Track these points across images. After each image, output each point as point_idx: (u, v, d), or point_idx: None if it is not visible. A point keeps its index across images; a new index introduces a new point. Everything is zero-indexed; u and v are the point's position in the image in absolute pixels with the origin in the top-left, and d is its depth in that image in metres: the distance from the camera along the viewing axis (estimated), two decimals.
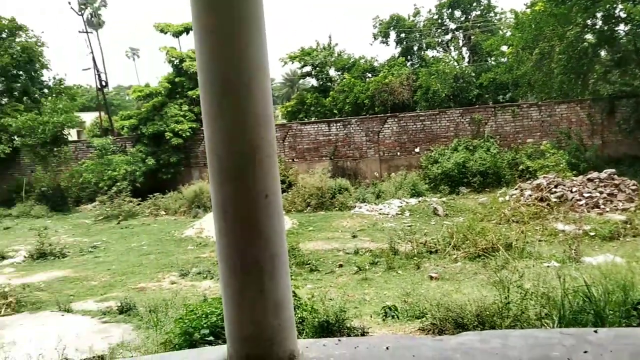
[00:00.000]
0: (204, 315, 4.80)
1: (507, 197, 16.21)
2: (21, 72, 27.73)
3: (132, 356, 5.34)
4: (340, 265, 11.12)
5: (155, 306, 7.76)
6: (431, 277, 9.82)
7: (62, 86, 29.28)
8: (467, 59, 29.48)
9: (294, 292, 5.31)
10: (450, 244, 11.47)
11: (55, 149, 22.69)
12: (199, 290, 9.62)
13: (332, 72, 28.89)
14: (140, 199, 19.91)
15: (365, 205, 17.51)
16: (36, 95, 28.14)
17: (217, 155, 3.12)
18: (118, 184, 20.41)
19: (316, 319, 5.18)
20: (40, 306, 9.26)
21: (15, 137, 23.51)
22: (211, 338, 4.56)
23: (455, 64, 26.96)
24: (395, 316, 6.73)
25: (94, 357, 5.92)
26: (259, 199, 3.18)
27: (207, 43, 2.95)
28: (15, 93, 27.95)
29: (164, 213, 19.15)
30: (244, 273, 3.22)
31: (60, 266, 12.74)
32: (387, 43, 30.57)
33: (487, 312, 5.29)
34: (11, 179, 25.12)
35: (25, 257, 13.74)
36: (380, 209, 16.80)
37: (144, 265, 12.20)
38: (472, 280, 9.61)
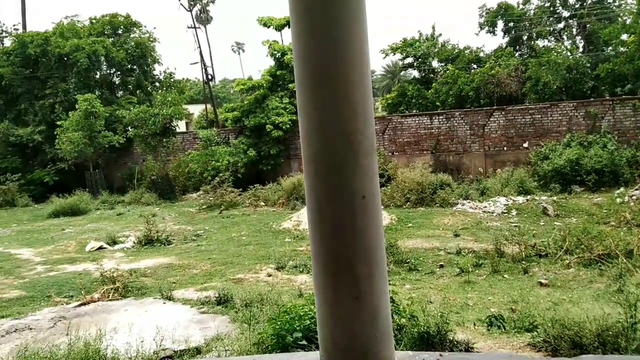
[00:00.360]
0: (297, 317, 4.61)
1: (626, 198, 14.83)
2: (135, 67, 29.34)
3: (225, 355, 5.27)
4: (441, 266, 10.63)
5: (251, 300, 7.74)
6: (541, 284, 9.10)
7: (171, 80, 30.68)
8: (581, 49, 27.42)
9: (392, 298, 4.99)
10: (562, 248, 10.61)
11: (164, 139, 23.77)
12: (295, 285, 9.54)
13: (435, 64, 28.01)
14: (241, 189, 20.37)
15: (469, 202, 16.74)
16: (148, 89, 29.68)
17: (311, 151, 2.81)
18: (221, 174, 20.98)
19: (415, 329, 4.81)
20: (145, 292, 9.59)
21: (129, 128, 24.90)
22: (304, 342, 4.36)
23: (569, 53, 25.14)
24: (502, 327, 6.21)
25: (190, 348, 5.94)
26: (355, 199, 2.84)
27: (304, 31, 2.66)
28: (130, 86, 29.66)
29: (263, 204, 19.44)
30: (337, 277, 2.92)
31: (165, 253, 13.23)
32: (494, 33, 29.15)
33: (610, 333, 4.67)
34: (125, 167, 26.73)
35: (134, 242, 14.42)
36: (485, 207, 15.98)
37: (242, 255, 12.36)
38: (588, 289, 8.80)
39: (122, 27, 29.96)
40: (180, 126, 34.51)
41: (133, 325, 7.27)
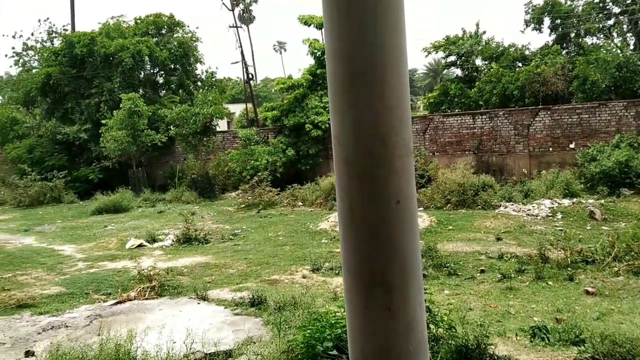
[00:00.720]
0: (328, 325, 4.44)
1: None
2: (177, 66, 29.72)
3: None
4: (482, 271, 10.28)
5: (284, 303, 7.63)
6: (587, 292, 8.69)
7: (213, 79, 30.95)
8: (632, 46, 26.31)
9: (428, 307, 4.77)
10: (610, 254, 10.12)
11: (204, 138, 23.97)
12: (330, 287, 9.37)
13: (479, 62, 27.38)
14: (279, 189, 20.34)
15: (512, 204, 16.24)
16: (190, 88, 30.03)
17: (343, 152, 2.64)
18: (259, 173, 21.00)
19: (453, 341, 4.57)
20: (181, 291, 9.61)
21: (171, 127, 25.23)
22: (334, 352, 4.18)
23: (619, 51, 24.14)
24: (546, 338, 5.89)
25: (220, 352, 5.86)
26: (389, 204, 2.65)
27: (338, 26, 2.49)
28: (172, 86, 30.08)
29: (301, 204, 19.35)
30: (369, 287, 2.74)
31: (202, 252, 13.28)
32: (540, 30, 28.30)
33: None
34: (167, 165, 27.12)
35: (173, 241, 14.54)
36: (529, 210, 15.46)
37: (278, 256, 12.29)
38: (638, 299, 8.35)
39: (165, 27, 30.39)
40: (222, 125, 34.84)
41: (166, 326, 7.25)
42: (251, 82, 34.90)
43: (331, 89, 2.69)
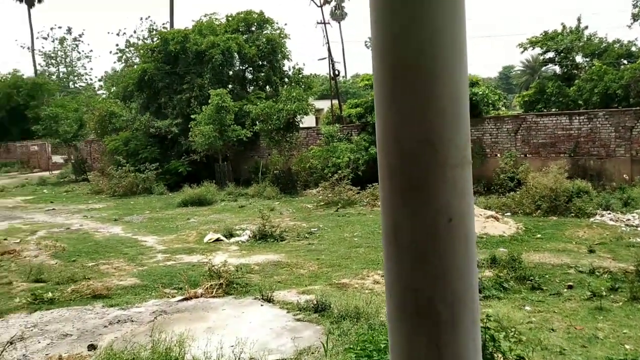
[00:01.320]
0: (376, 350, 4.05)
1: None
2: (265, 63, 30.07)
3: None
4: (570, 287, 9.40)
5: (347, 311, 7.27)
6: None
7: (299, 75, 31.05)
8: None
9: (492, 337, 4.24)
10: None
11: (287, 134, 24.06)
12: None
13: (579, 59, 25.58)
14: (359, 187, 19.97)
15: (609, 213, 14.90)
16: (277, 84, 30.30)
17: (386, 161, 2.28)
18: (340, 171, 20.73)
19: None
20: (248, 290, 9.51)
21: (257, 123, 25.54)
22: None
23: None
24: None
25: None
26: (439, 222, 2.23)
27: (382, 14, 2.12)
28: (260, 82, 30.50)
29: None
30: (414, 317, 2.35)
31: (276, 249, 13.20)
32: None
33: None
34: (251, 161, 27.53)
35: (249, 236, 14.59)
36: (628, 220, 14.11)
37: (351, 258, 11.95)
38: None
39: (255, 23, 30.84)
40: (310, 122, 34.94)
41: (226, 328, 7.14)
42: (338, 78, 34.72)
43: (376, 84, 2.34)
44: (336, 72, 32.69)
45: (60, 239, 15.26)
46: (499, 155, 20.80)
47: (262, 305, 8.40)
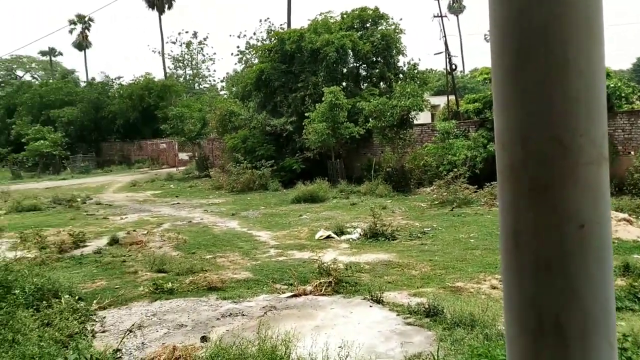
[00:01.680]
0: None
1: None
2: (379, 59, 29.77)
3: None
4: None
5: (461, 317, 6.84)
6: None
7: (415, 71, 30.41)
8: None
9: None
10: None
11: (401, 131, 23.62)
12: None
13: None
14: (476, 186, 19.10)
15: None
16: (391, 80, 29.89)
17: (507, 159, 2.00)
18: (456, 169, 19.96)
19: None
20: (357, 290, 9.33)
21: (370, 120, 25.35)
22: None
23: None
24: None
25: None
26: (569, 228, 1.91)
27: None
28: (374, 78, 30.26)
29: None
30: (536, 335, 2.05)
31: (387, 249, 12.91)
32: None
33: None
34: (364, 158, 27.41)
35: (360, 234, 14.43)
36: None
37: (466, 261, 11.37)
38: None
39: (370, 20, 30.67)
40: (425, 118, 34.22)
41: (334, 327, 7.01)
42: (455, 73, 33.61)
43: (494, 74, 2.07)
44: (453, 67, 31.67)
45: (182, 231, 16.05)
46: (632, 152, 18.95)
47: (371, 306, 8.18)
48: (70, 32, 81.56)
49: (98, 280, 10.81)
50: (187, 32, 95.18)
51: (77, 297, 8.48)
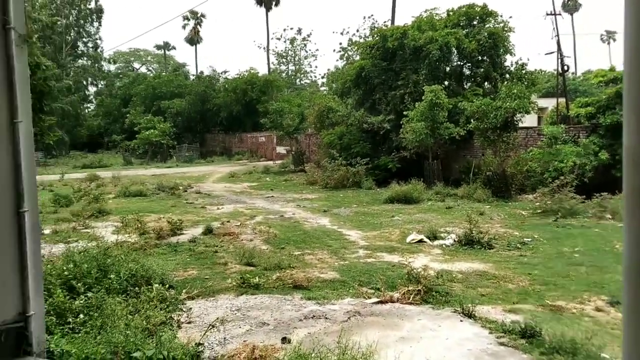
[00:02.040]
0: None
1: None
2: (485, 58, 28.61)
3: None
4: None
5: (561, 342, 6.21)
6: None
7: (523, 71, 28.94)
8: None
9: None
10: None
11: (504, 134, 22.48)
12: None
13: None
14: (584, 196, 17.73)
15: None
16: (497, 80, 28.63)
17: (637, 174, 1.81)
18: (562, 176, 18.67)
19: None
20: (448, 301, 8.84)
21: (471, 120, 24.39)
22: None
23: None
24: None
25: None
26: None
27: None
28: (478, 78, 29.13)
29: (610, 217, 16.48)
30: None
31: (483, 258, 12.23)
32: None
33: None
34: (463, 160, 26.47)
35: (454, 240, 13.81)
36: None
37: (570, 277, 10.49)
38: None
39: (477, 17, 29.54)
40: (531, 121, 32.53)
41: (420, 341, 6.63)
42: (566, 74, 31.61)
43: (628, 77, 1.90)
44: (565, 68, 29.81)
45: (274, 225, 16.20)
46: None
47: (461, 320, 7.68)
48: (183, 27, 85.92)
49: (190, 269, 11.07)
50: (291, 28, 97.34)
51: (167, 286, 8.67)
